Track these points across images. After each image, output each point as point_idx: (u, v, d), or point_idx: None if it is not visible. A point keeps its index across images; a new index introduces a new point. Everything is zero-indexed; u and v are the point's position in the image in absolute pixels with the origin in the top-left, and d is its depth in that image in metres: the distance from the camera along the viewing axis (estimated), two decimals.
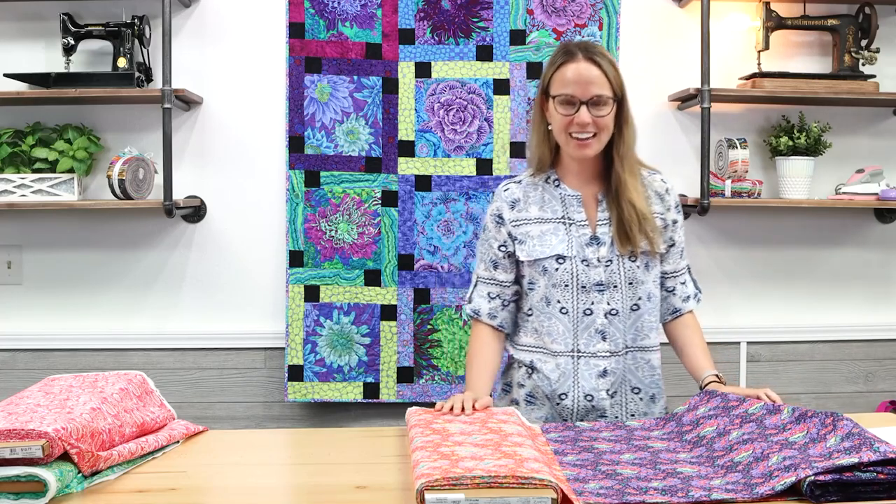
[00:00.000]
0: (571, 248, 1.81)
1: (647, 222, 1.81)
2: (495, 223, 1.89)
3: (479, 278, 1.91)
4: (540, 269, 1.83)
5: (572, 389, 1.83)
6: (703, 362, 1.87)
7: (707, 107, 2.65)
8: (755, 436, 1.44)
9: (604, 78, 1.77)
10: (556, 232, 1.83)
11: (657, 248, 1.84)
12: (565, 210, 1.84)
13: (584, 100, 1.75)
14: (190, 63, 2.78)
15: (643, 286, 1.84)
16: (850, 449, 1.28)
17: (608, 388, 1.83)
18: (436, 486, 1.17)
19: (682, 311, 1.94)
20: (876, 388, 2.96)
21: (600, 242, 1.82)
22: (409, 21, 2.75)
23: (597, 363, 1.82)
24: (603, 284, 1.81)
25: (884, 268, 2.98)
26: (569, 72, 1.77)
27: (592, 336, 1.82)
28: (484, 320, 1.89)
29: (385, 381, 2.77)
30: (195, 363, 2.83)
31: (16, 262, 2.83)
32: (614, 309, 1.82)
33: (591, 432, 1.65)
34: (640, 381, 1.87)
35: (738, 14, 2.84)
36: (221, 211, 2.83)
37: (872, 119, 2.93)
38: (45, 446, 1.27)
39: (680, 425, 1.63)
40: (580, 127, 1.76)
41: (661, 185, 1.90)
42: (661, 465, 1.42)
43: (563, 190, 1.86)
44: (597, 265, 1.81)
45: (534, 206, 1.86)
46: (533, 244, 1.83)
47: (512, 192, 1.89)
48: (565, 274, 1.81)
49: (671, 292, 1.93)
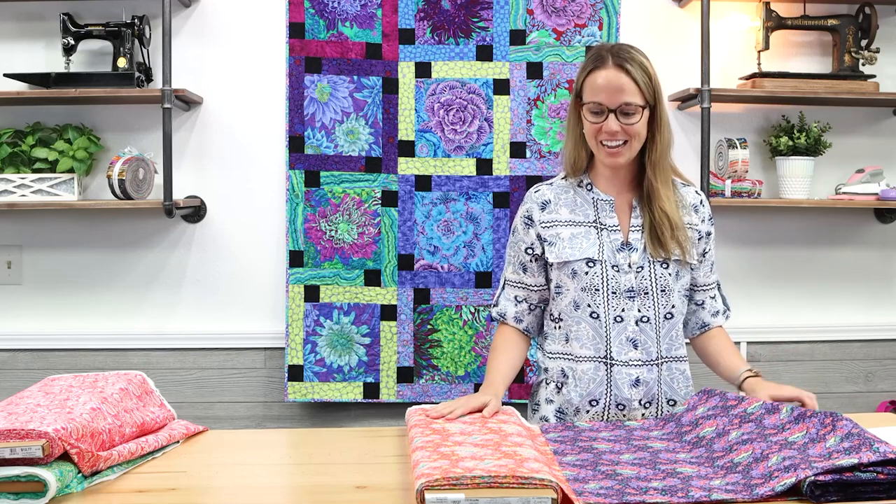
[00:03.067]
0: (602, 253, 1.78)
1: (680, 231, 1.77)
2: (524, 224, 1.85)
3: (507, 281, 1.88)
4: (569, 272, 1.79)
5: (604, 397, 1.78)
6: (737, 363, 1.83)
7: (707, 107, 2.65)
8: (754, 436, 1.44)
9: (633, 85, 1.72)
10: (588, 236, 1.79)
11: (689, 258, 1.80)
12: (597, 214, 1.81)
13: (613, 108, 1.72)
14: (190, 63, 2.78)
15: (674, 295, 1.80)
16: (850, 449, 1.28)
17: (641, 398, 1.78)
18: (436, 486, 1.17)
19: (711, 325, 1.90)
20: (876, 388, 2.96)
21: (632, 248, 1.78)
22: (409, 21, 2.75)
23: (629, 372, 1.77)
24: (634, 291, 1.77)
25: (884, 268, 2.98)
26: (598, 78, 1.73)
27: (624, 344, 1.77)
28: (510, 324, 1.87)
29: (385, 381, 2.77)
30: (195, 363, 2.83)
31: (16, 262, 2.83)
32: (646, 316, 1.78)
33: (590, 432, 1.65)
34: (675, 393, 1.82)
35: (738, 14, 2.84)
36: (221, 211, 2.83)
37: (872, 119, 2.93)
38: (45, 446, 1.26)
39: (679, 426, 1.63)
40: (609, 135, 1.73)
41: (696, 196, 1.87)
42: (661, 465, 1.42)
43: (595, 194, 1.82)
44: (628, 271, 1.77)
45: (565, 209, 1.82)
46: (563, 246, 1.79)
47: (543, 194, 1.86)
48: (595, 278, 1.77)
49: (700, 306, 1.89)
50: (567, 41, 2.76)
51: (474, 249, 2.75)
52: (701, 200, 1.87)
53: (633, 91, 1.72)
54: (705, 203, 1.88)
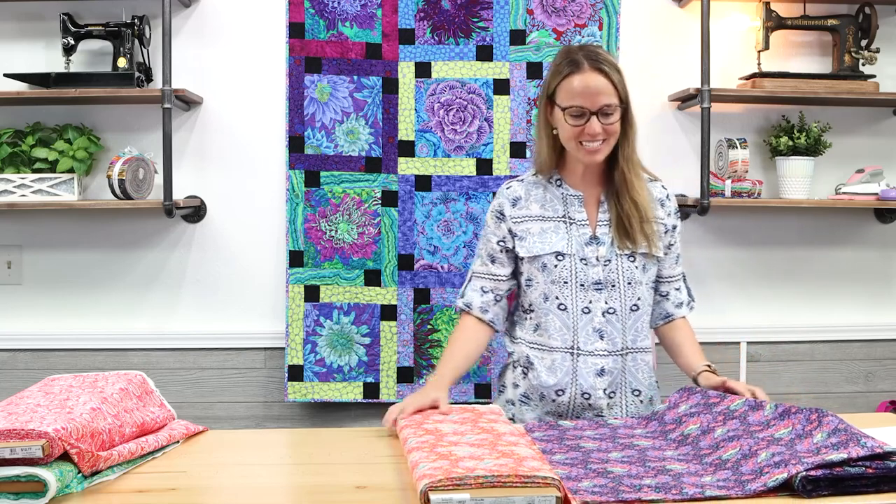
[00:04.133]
0: (571, 246, 1.83)
1: (648, 223, 1.83)
2: (496, 219, 1.91)
3: (475, 273, 1.94)
4: (539, 265, 1.84)
5: (570, 386, 1.84)
6: (696, 358, 1.89)
7: (707, 107, 2.65)
8: (740, 433, 1.45)
9: (611, 87, 1.78)
10: (557, 230, 1.85)
11: (656, 251, 1.85)
12: (566, 209, 1.87)
13: (594, 110, 1.77)
14: (190, 63, 2.78)
15: (641, 287, 1.86)
16: (838, 444, 1.30)
17: (605, 387, 1.84)
18: (439, 487, 1.17)
19: (675, 316, 1.96)
20: (876, 388, 2.96)
21: (600, 242, 1.84)
22: (409, 21, 2.75)
23: (595, 362, 1.84)
24: (601, 283, 1.83)
25: (884, 268, 2.98)
26: (576, 82, 1.78)
27: (591, 335, 1.83)
28: (475, 314, 1.90)
29: (385, 381, 2.77)
30: (195, 363, 2.83)
31: (16, 262, 2.83)
32: (612, 308, 1.84)
33: (575, 431, 1.66)
34: (640, 383, 1.89)
35: (738, 14, 2.84)
36: (221, 211, 2.83)
37: (872, 119, 2.93)
38: (45, 446, 1.27)
39: (662, 424, 1.63)
40: (591, 136, 1.78)
41: (662, 191, 1.93)
42: (650, 462, 1.43)
43: (565, 190, 1.88)
44: (595, 264, 1.83)
45: (535, 204, 1.88)
46: (533, 241, 1.85)
47: (514, 190, 1.91)
48: (564, 271, 1.83)
49: (665, 297, 1.95)
50: (567, 41, 2.76)
51: (474, 249, 2.75)
52: (667, 195, 1.94)
53: (611, 92, 1.79)
54: (671, 198, 1.94)
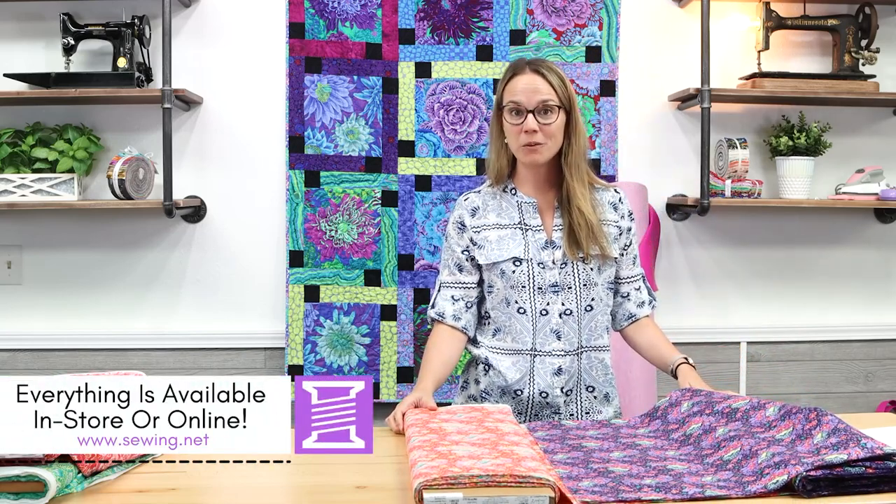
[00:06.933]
0: (528, 252, 1.89)
1: (595, 228, 1.88)
2: (458, 230, 1.96)
3: (443, 283, 1.97)
4: (498, 271, 1.89)
5: (528, 386, 1.89)
6: (669, 351, 1.93)
7: (707, 107, 2.65)
8: (742, 433, 1.45)
9: (549, 87, 1.85)
10: (514, 237, 1.90)
11: (609, 253, 1.90)
12: (522, 216, 1.92)
13: (531, 108, 1.84)
14: (190, 63, 2.78)
15: (597, 288, 1.91)
16: (838, 445, 1.30)
17: (563, 385, 1.89)
18: (434, 486, 1.17)
19: (638, 316, 1.99)
20: (876, 388, 2.96)
21: (555, 246, 1.89)
22: (409, 21, 2.75)
23: (552, 361, 1.88)
24: (558, 286, 1.88)
25: (884, 268, 2.98)
26: (515, 83, 1.87)
27: (548, 335, 1.88)
28: (448, 322, 1.93)
29: (385, 381, 2.77)
30: (195, 363, 2.83)
31: (16, 262, 2.83)
32: (568, 309, 1.88)
33: (577, 430, 1.67)
34: (594, 380, 1.93)
35: (738, 14, 2.84)
36: (221, 211, 2.83)
37: (872, 119, 2.93)
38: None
39: (665, 423, 1.64)
40: (528, 134, 1.84)
41: (614, 195, 1.98)
42: (651, 462, 1.43)
43: (519, 197, 1.93)
44: (552, 267, 1.88)
45: (492, 214, 1.94)
46: (491, 248, 1.90)
47: (472, 201, 1.97)
48: (522, 276, 1.88)
49: (626, 297, 1.99)
50: (567, 41, 2.76)
51: None
52: (620, 198, 1.98)
53: (549, 92, 1.85)
54: (624, 201, 1.99)
